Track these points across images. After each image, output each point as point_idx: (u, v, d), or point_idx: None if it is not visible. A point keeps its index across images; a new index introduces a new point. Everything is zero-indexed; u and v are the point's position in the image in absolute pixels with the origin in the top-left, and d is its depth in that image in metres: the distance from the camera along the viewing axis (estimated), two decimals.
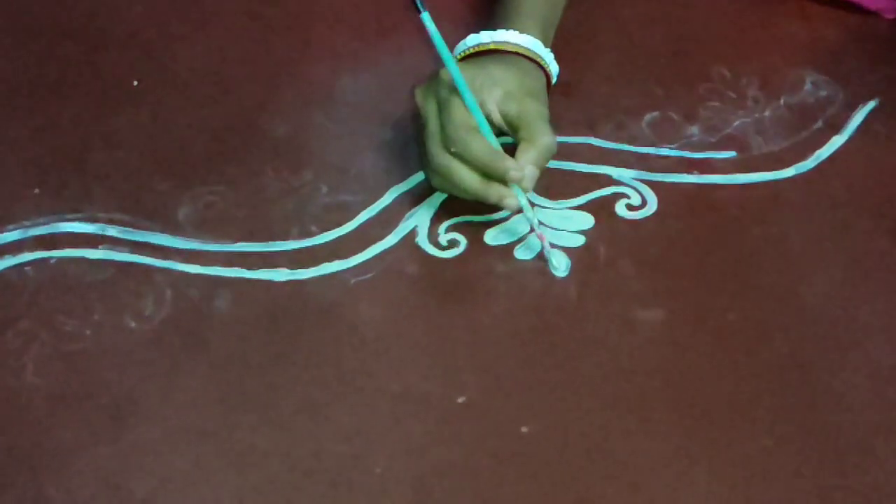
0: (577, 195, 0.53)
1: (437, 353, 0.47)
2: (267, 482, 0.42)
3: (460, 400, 0.44)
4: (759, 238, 0.51)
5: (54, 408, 0.44)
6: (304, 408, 0.44)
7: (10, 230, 0.50)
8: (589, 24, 0.62)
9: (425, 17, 0.50)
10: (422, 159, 0.51)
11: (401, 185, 0.53)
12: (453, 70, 0.48)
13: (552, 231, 0.50)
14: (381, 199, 0.53)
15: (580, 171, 0.54)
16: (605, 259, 0.50)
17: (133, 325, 0.47)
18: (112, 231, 0.50)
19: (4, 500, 0.42)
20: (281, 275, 0.49)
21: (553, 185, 0.53)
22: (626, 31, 0.63)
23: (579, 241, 0.50)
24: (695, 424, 0.44)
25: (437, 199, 0.52)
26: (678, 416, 0.44)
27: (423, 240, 0.51)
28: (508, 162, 0.48)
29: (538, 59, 0.54)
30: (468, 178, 0.49)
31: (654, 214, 0.52)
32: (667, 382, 0.45)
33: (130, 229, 0.50)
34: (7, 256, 0.49)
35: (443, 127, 0.49)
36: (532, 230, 0.49)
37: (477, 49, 0.54)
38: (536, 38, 0.54)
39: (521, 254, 0.50)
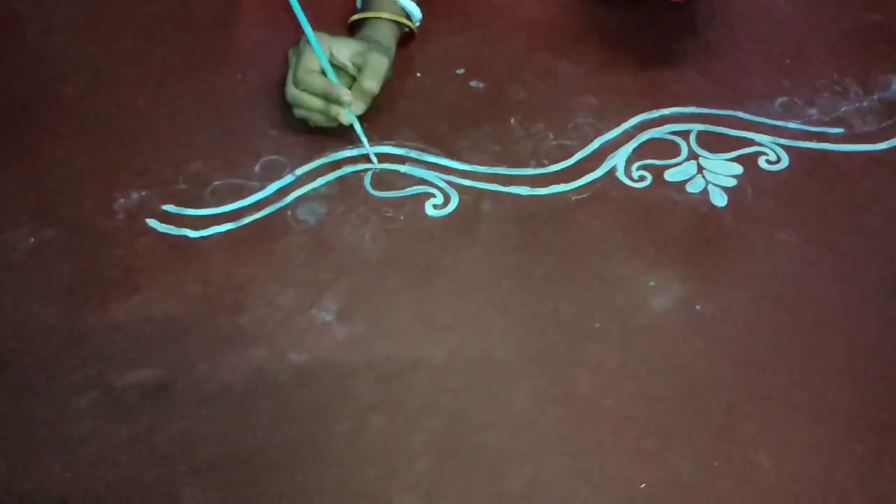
0: (730, 151, 0.65)
1: (633, 251, 0.58)
2: (521, 325, 0.54)
3: (651, 284, 0.56)
4: (863, 188, 0.63)
5: (384, 264, 0.58)
6: (544, 278, 0.57)
7: (348, 148, 0.65)
8: (732, 41, 0.75)
9: None
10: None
11: (605, 135, 0.66)
12: (308, 30, 0.59)
13: (713, 174, 0.63)
14: (591, 145, 0.65)
15: (732, 135, 0.66)
16: (751, 196, 0.62)
17: (431, 215, 0.61)
18: (413, 154, 0.64)
19: (355, 314, 0.55)
20: (524, 191, 0.62)
21: (713, 143, 0.65)
22: (764, 43, 0.75)
23: (732, 182, 0.62)
24: (820, 314, 0.55)
25: (631, 146, 0.65)
26: (804, 307, 0.56)
27: (621, 174, 0.63)
28: (341, 90, 0.61)
29: (393, 18, 0.67)
30: (315, 103, 0.61)
31: (786, 168, 0.64)
32: (798, 285, 0.57)
33: (425, 154, 0.64)
34: (348, 166, 0.64)
35: (296, 71, 0.61)
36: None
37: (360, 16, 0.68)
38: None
39: (691, 188, 0.62)
